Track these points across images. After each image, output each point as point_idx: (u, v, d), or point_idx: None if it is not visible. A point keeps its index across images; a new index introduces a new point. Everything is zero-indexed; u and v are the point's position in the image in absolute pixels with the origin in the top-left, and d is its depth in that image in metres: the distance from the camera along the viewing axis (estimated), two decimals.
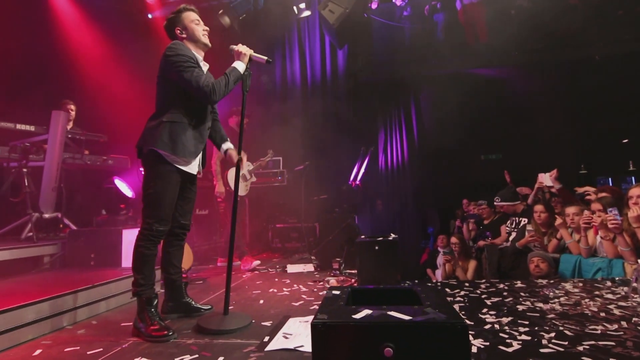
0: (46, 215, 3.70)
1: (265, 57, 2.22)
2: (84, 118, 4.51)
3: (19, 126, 3.84)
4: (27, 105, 4.25)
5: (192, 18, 2.19)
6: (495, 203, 4.55)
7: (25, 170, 3.47)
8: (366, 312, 1.02)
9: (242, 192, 4.37)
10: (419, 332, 0.96)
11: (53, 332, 2.10)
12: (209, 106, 2.23)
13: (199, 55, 2.20)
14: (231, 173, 4.21)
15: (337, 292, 1.29)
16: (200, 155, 2.24)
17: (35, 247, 3.21)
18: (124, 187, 3.52)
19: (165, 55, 2.06)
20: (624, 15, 5.67)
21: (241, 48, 2.17)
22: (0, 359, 1.77)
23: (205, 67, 2.23)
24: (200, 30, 2.20)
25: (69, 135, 4.02)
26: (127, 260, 3.13)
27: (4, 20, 4.33)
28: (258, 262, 4.12)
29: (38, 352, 1.81)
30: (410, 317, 1.00)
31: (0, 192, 3.52)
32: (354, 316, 1.02)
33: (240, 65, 2.15)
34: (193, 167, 2.21)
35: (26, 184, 3.43)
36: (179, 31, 2.18)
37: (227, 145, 2.45)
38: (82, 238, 3.29)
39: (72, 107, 4.21)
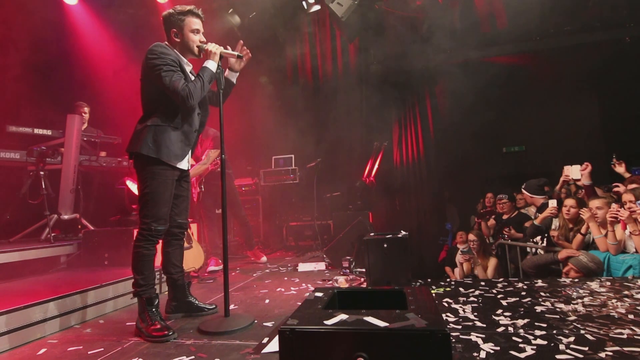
0: (65, 217, 3.82)
1: (236, 53, 2.21)
2: (99, 120, 4.62)
3: (36, 130, 3.98)
4: (44, 109, 4.39)
5: (192, 27, 2.13)
6: (522, 188, 4.31)
7: (42, 173, 3.58)
8: (341, 317, 0.93)
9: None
10: (393, 341, 0.85)
11: (61, 331, 2.14)
12: (196, 108, 2.18)
13: (184, 57, 2.16)
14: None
15: (320, 294, 1.20)
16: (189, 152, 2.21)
17: (53, 247, 3.32)
18: (135, 188, 3.56)
19: (147, 57, 2.02)
20: None
21: (210, 47, 2.11)
22: (7, 357, 1.80)
23: (188, 67, 2.19)
24: (196, 41, 2.14)
25: (84, 138, 4.12)
26: None
27: (20, 24, 4.47)
28: (264, 258, 4.26)
29: (42, 351, 1.84)
30: (387, 324, 0.90)
31: (19, 194, 3.64)
32: (326, 322, 0.92)
33: (211, 65, 2.10)
34: (183, 164, 2.18)
35: (43, 186, 3.54)
36: (173, 33, 2.14)
37: None
38: (96, 238, 3.39)
39: (86, 109, 4.31)
